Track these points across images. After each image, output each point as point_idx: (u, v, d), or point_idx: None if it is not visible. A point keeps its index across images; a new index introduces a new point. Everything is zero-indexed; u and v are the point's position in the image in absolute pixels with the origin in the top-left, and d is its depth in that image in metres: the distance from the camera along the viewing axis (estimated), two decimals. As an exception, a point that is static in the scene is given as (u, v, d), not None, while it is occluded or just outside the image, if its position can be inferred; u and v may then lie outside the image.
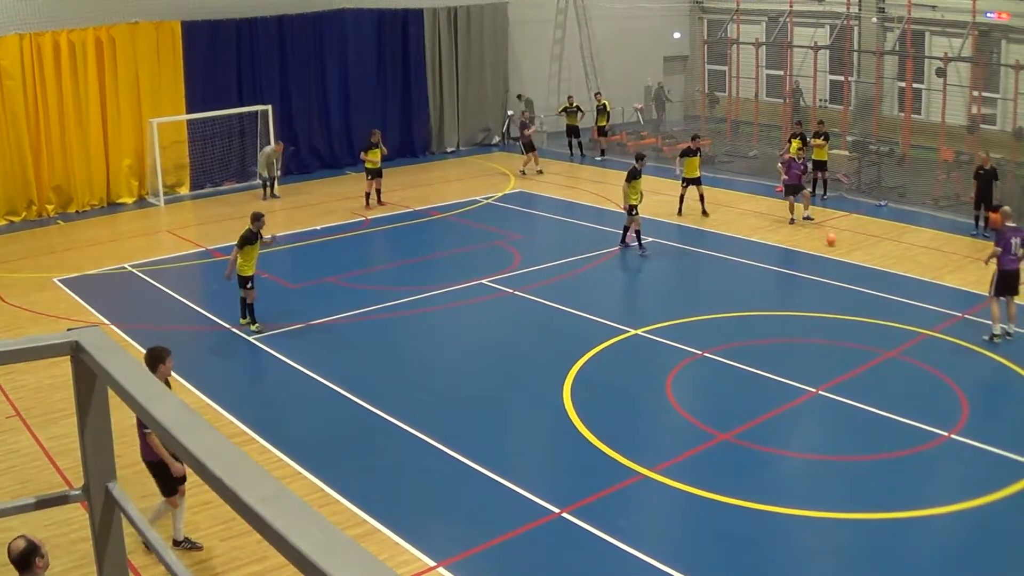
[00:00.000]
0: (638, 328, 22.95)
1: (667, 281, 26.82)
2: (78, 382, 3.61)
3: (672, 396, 19.48)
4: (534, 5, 47.84)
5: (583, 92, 47.79)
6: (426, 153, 46.01)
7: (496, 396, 19.97)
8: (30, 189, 36.38)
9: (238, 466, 2.60)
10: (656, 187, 36.39)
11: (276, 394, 20.80)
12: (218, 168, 40.05)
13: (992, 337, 21.82)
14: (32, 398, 20.29)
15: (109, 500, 3.69)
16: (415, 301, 25.66)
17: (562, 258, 28.92)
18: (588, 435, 17.84)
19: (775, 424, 18.31)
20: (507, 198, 36.96)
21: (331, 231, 32.47)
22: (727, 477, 16.23)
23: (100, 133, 37.63)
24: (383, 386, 20.40)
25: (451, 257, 29.88)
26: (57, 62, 36.34)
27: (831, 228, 30.62)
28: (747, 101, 46.59)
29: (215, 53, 39.68)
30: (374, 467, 17.16)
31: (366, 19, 43.38)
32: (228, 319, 24.59)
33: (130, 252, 31.36)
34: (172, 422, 2.89)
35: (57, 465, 17.37)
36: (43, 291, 27.69)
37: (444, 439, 17.84)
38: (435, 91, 46.18)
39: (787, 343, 22.27)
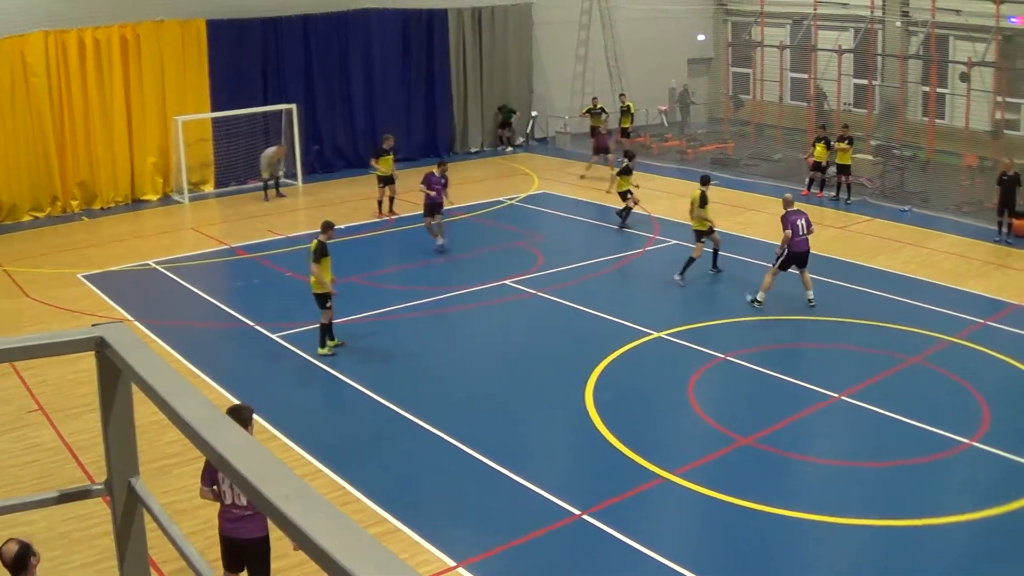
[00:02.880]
0: (661, 331, 22.94)
1: (690, 284, 26.72)
2: (102, 377, 3.62)
3: (694, 399, 19.46)
4: (558, 6, 47.77)
5: (607, 94, 47.75)
6: (449, 153, 45.73)
7: (518, 397, 19.94)
8: (55, 185, 36.52)
9: (261, 463, 2.61)
10: (679, 189, 36.34)
11: (298, 392, 20.82)
12: (242, 166, 40.06)
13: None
14: (55, 393, 20.38)
15: (132, 495, 3.70)
16: (438, 301, 25.70)
17: (585, 259, 28.91)
18: (610, 437, 17.84)
19: (796, 429, 18.27)
20: (531, 199, 36.95)
21: (354, 230, 32.47)
22: (748, 481, 16.21)
23: (125, 130, 37.75)
24: (405, 386, 20.42)
25: (474, 258, 29.87)
26: (82, 59, 36.49)
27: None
28: (771, 104, 46.52)
29: (240, 52, 39.77)
30: (395, 466, 17.17)
31: (390, 19, 43.40)
32: (251, 316, 24.67)
33: (154, 249, 31.45)
34: (195, 418, 2.91)
35: (79, 460, 17.43)
36: (67, 287, 27.79)
37: (466, 439, 17.86)
38: (459, 91, 46.20)
39: (809, 348, 22.25)
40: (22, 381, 20.94)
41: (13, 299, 26.92)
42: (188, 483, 15.50)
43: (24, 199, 35.98)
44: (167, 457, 16.52)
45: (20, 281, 28.34)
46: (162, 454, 16.49)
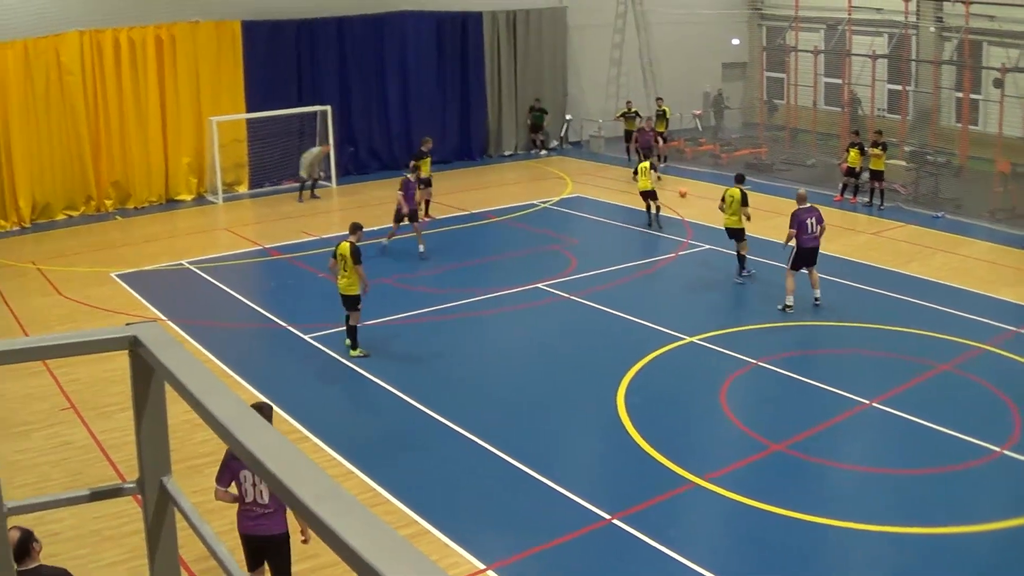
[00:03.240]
0: (693, 336, 22.88)
1: (723, 289, 26.69)
2: (135, 376, 3.63)
3: (726, 405, 19.42)
4: (593, 9, 47.80)
5: (641, 97, 47.73)
6: (483, 156, 46.07)
7: (550, 401, 19.91)
8: (89, 184, 36.71)
9: (294, 464, 2.62)
10: (713, 193, 36.20)
11: (330, 393, 20.86)
12: (277, 167, 40.18)
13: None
14: (87, 391, 20.46)
15: (163, 494, 3.71)
16: (470, 304, 25.69)
17: (619, 263, 28.90)
18: (641, 442, 17.82)
19: (828, 435, 18.19)
20: (564, 202, 36.92)
21: (387, 232, 32.54)
22: (778, 488, 16.16)
23: (159, 130, 37.91)
24: (437, 388, 20.43)
25: (507, 261, 29.90)
26: (117, 59, 36.69)
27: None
28: (805, 109, 46.44)
29: (275, 53, 39.89)
30: (426, 468, 17.18)
31: (425, 21, 43.49)
32: (284, 317, 24.74)
33: (188, 248, 31.57)
34: (228, 418, 2.91)
35: (111, 458, 17.49)
36: (100, 286, 27.92)
37: (496, 442, 17.86)
38: (493, 94, 46.26)
39: (841, 354, 22.17)
40: (54, 379, 21.03)
41: (47, 297, 27.04)
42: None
43: (58, 198, 36.17)
44: (198, 456, 16.57)
45: (54, 279, 28.47)
46: (193, 453, 16.54)
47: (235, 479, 12.41)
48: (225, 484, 12.46)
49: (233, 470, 12.34)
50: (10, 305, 26.43)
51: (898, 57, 43.23)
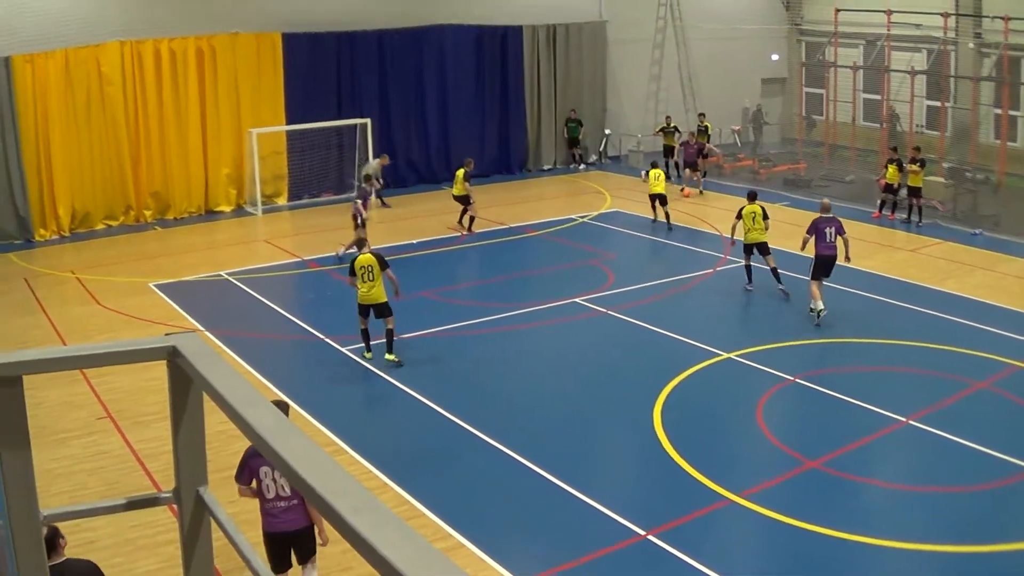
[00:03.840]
0: (731, 352, 22.83)
1: (761, 305, 26.63)
2: (174, 387, 3.66)
3: (762, 421, 19.35)
4: (633, 24, 47.80)
5: (680, 113, 47.72)
6: (522, 170, 46.10)
7: (586, 415, 19.85)
8: (128, 194, 36.92)
9: (331, 475, 2.63)
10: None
11: (367, 405, 20.92)
12: (316, 180, 40.34)
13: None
14: (124, 400, 20.55)
15: (199, 504, 3.73)
16: (508, 318, 25.69)
17: (657, 279, 28.85)
18: (677, 458, 17.77)
19: (864, 453, 18.11)
20: (603, 217, 36.91)
21: (426, 245, 32.57)
22: (814, 505, 16.09)
23: (199, 141, 38.10)
24: (473, 401, 20.43)
25: (545, 275, 29.90)
26: (158, 70, 36.89)
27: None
28: (844, 125, 46.26)
29: (315, 65, 40.03)
30: (461, 482, 17.19)
31: (465, 35, 43.57)
32: (321, 329, 24.78)
33: (226, 260, 31.72)
34: (266, 429, 2.92)
35: (146, 468, 17.57)
36: (139, 295, 28.03)
37: (532, 456, 17.84)
38: (532, 108, 46.25)
39: (878, 371, 22.06)
40: (91, 388, 21.14)
41: (85, 306, 27.19)
42: (255, 494, 15.60)
43: (98, 207, 36.38)
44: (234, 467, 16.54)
45: (92, 289, 28.62)
46: (229, 464, 16.50)
47: (255, 476, 12.72)
48: (245, 482, 12.82)
49: (252, 468, 12.70)
50: (48, 314, 26.58)
51: (937, 73, 43.05)
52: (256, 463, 12.60)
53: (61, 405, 20.32)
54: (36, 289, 28.86)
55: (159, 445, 18.11)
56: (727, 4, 50.03)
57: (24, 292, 28.70)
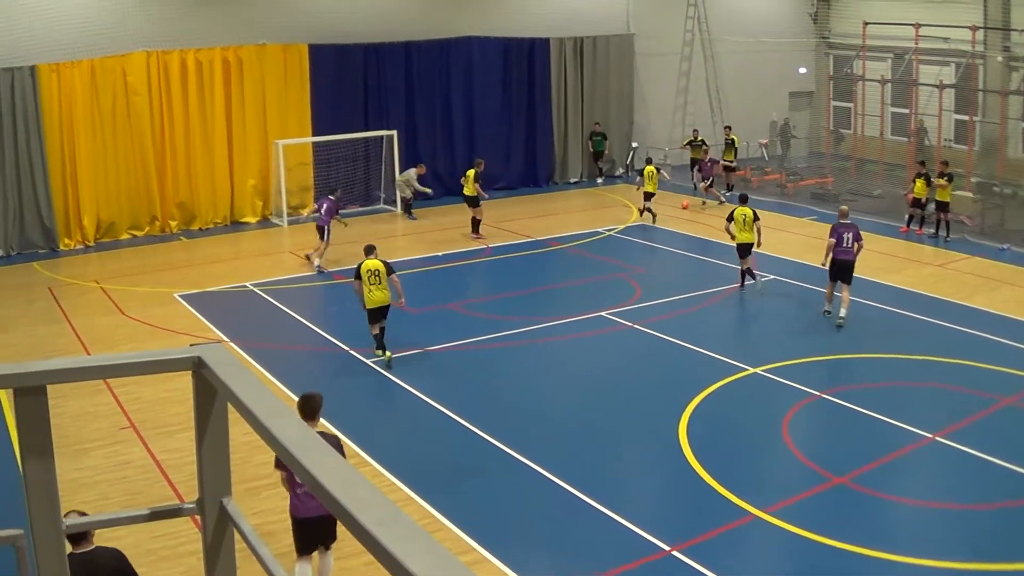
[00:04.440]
0: (757, 366, 22.78)
1: (787, 319, 26.56)
2: (198, 397, 3.67)
3: (788, 436, 19.29)
4: (660, 37, 47.77)
5: (707, 126, 47.71)
6: (549, 183, 46.07)
7: (611, 429, 19.82)
8: (154, 205, 37.07)
9: (355, 488, 2.62)
10: (779, 223, 36.22)
11: (390, 418, 20.92)
12: (342, 191, 40.32)
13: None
14: (148, 411, 20.62)
15: (223, 515, 3.73)
16: (534, 331, 25.67)
17: (683, 293, 28.77)
18: (702, 473, 17.73)
19: (890, 469, 18.02)
20: (629, 230, 36.87)
21: (452, 258, 32.62)
22: (840, 521, 16.02)
23: (225, 152, 38.25)
24: (497, 414, 20.42)
25: (571, 288, 29.87)
26: (184, 80, 37.05)
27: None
28: (872, 139, 46.10)
29: (342, 77, 40.13)
30: (485, 495, 17.18)
31: (492, 47, 43.62)
32: (347, 341, 24.79)
33: (252, 271, 31.82)
34: (291, 441, 2.92)
35: (169, 478, 17.61)
36: (163, 306, 28.13)
37: (556, 470, 17.81)
38: (559, 121, 46.24)
39: (905, 387, 21.97)
40: (115, 398, 21.21)
41: (109, 316, 27.29)
42: (278, 504, 15.59)
43: (123, 217, 36.52)
44: (257, 478, 16.63)
45: (117, 299, 28.71)
46: (253, 475, 16.60)
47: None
48: (284, 469, 13.19)
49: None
50: (72, 323, 26.67)
51: (965, 87, 42.89)
52: None
53: (84, 415, 20.38)
54: (60, 299, 28.98)
55: (182, 456, 18.18)
56: (755, 17, 49.96)
57: (48, 301, 28.81)
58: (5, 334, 26.08)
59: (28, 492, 3.53)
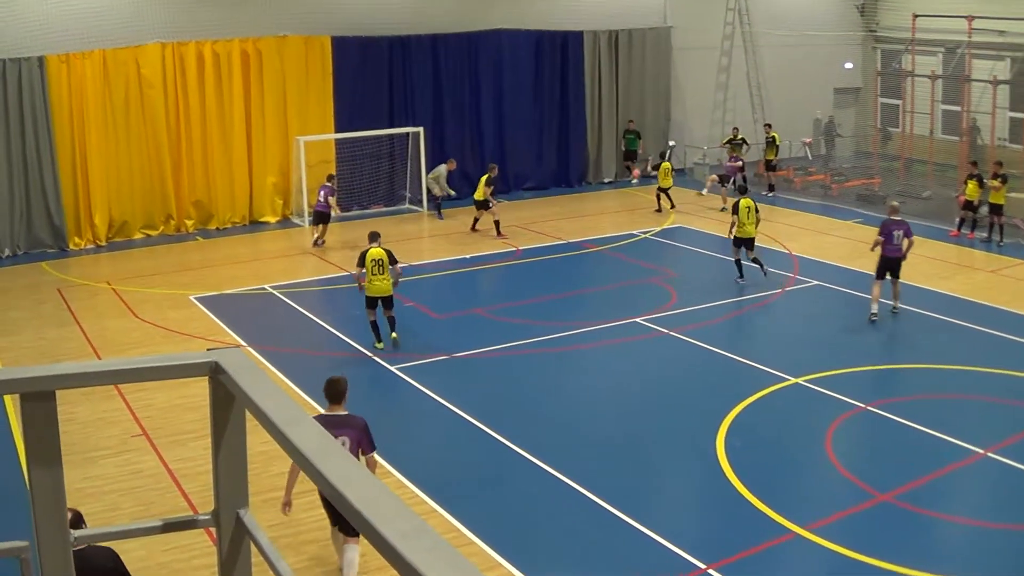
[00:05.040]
0: (799, 376, 22.66)
1: (832, 327, 26.45)
2: (215, 404, 3.67)
3: (831, 450, 19.21)
4: (699, 31, 47.59)
5: (748, 124, 47.64)
6: (582, 183, 46.08)
7: (645, 441, 19.79)
8: (169, 203, 37.16)
9: (378, 499, 2.62)
10: (822, 226, 36.14)
11: (414, 427, 20.87)
12: (366, 190, 40.46)
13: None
14: (161, 418, 20.65)
15: (240, 527, 3.72)
16: (564, 337, 25.64)
17: (721, 299, 28.72)
18: (740, 487, 17.68)
19: (939, 486, 17.94)
20: (666, 233, 36.81)
21: (480, 260, 32.65)
22: (885, 540, 15.95)
23: (244, 148, 38.32)
24: (526, 424, 20.37)
25: (604, 293, 29.83)
26: (200, 73, 37.13)
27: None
28: (921, 138, 45.91)
29: (366, 71, 40.16)
30: (512, 508, 17.16)
31: (523, 40, 43.57)
32: (369, 346, 24.77)
33: (271, 273, 31.88)
34: (311, 450, 2.92)
35: (183, 489, 17.61)
36: (178, 308, 28.21)
37: (587, 483, 17.75)
38: (593, 118, 46.21)
39: (955, 399, 21.85)
40: (127, 405, 21.24)
41: (121, 319, 27.36)
42: (297, 516, 15.61)
43: (136, 216, 36.62)
44: (276, 489, 16.63)
45: (129, 301, 28.79)
46: (270, 486, 16.62)
47: None
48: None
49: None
50: (83, 326, 26.76)
51: (1021, 83, 42.72)
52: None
53: (94, 422, 20.41)
54: (70, 300, 29.09)
55: (196, 465, 18.18)
56: (798, 10, 49.84)
57: (57, 303, 28.92)
58: (12, 337, 26.19)
59: (34, 502, 3.54)
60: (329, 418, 14.44)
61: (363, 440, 14.38)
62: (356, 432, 14.36)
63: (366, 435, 14.46)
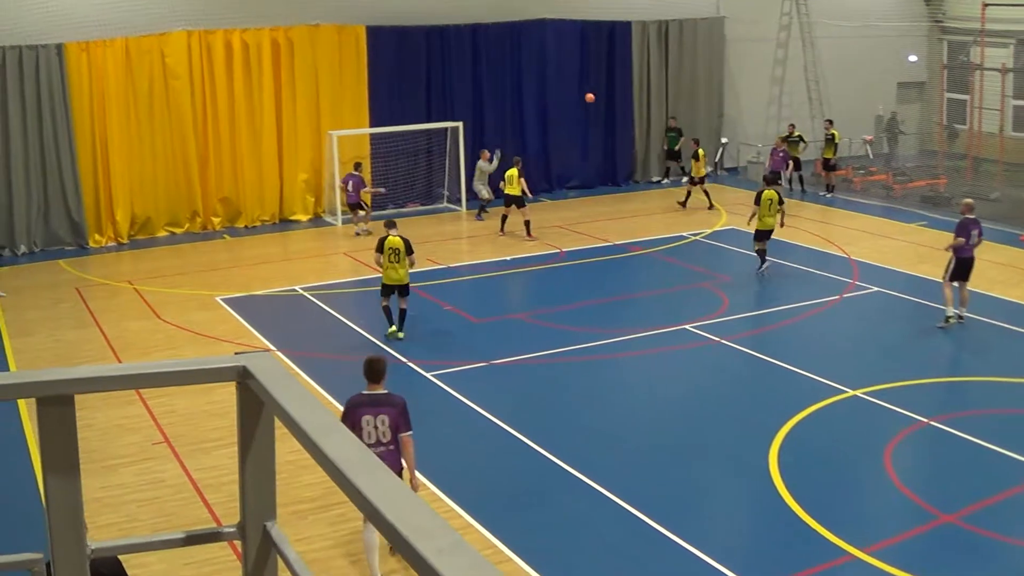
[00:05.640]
0: (857, 388, 22.52)
1: (893, 336, 26.31)
2: (243, 410, 3.67)
3: (891, 467, 19.10)
4: (754, 21, 47.51)
5: (805, 120, 47.40)
6: (629, 182, 46.02)
7: (693, 455, 19.71)
8: (195, 199, 37.28)
9: (414, 513, 2.61)
10: (885, 229, 36.04)
11: (451, 437, 20.84)
12: (402, 188, 40.48)
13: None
14: (183, 424, 20.69)
15: (266, 541, 3.71)
16: (609, 345, 25.58)
17: (775, 305, 28.73)
18: (793, 505, 17.61)
19: (1006, 508, 17.75)
20: (717, 235, 36.73)
21: (521, 262, 32.63)
22: (949, 565, 15.85)
23: (274, 143, 38.37)
24: (568, 435, 20.32)
25: (652, 298, 29.81)
26: (229, 63, 37.22)
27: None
28: (990, 135, 45.68)
29: (402, 62, 40.14)
30: (553, 524, 17.10)
31: (568, 31, 43.51)
32: (403, 352, 24.80)
33: (302, 273, 31.97)
34: (344, 460, 2.90)
35: (206, 499, 17.64)
36: (204, 310, 28.31)
37: (631, 498, 17.70)
38: (641, 113, 46.13)
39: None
40: (148, 410, 21.30)
41: (143, 321, 27.47)
42: (325, 530, 15.65)
43: (160, 213, 36.75)
44: (304, 501, 16.67)
45: (152, 302, 28.91)
46: (299, 497, 16.64)
47: (357, 426, 14.43)
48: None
49: (355, 419, 14.60)
50: (102, 328, 26.87)
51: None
52: (359, 413, 14.68)
53: (114, 428, 20.50)
54: (89, 300, 29.23)
55: (220, 475, 18.21)
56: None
57: (76, 303, 29.07)
58: (28, 338, 26.33)
59: (50, 512, 3.54)
60: (369, 397, 15.07)
61: (400, 420, 14.98)
62: (395, 411, 14.96)
63: (404, 415, 15.04)
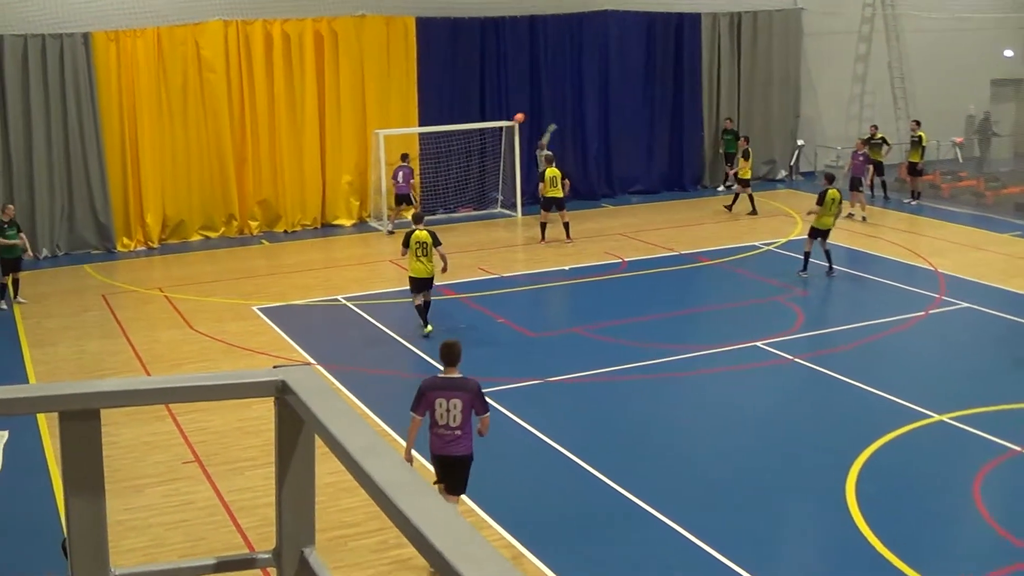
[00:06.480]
0: (944, 413, 22.35)
1: (984, 357, 26.15)
2: (281, 428, 3.67)
3: (980, 500, 19.00)
4: (834, 14, 47.32)
5: (889, 121, 47.21)
6: (697, 187, 45.92)
7: (765, 484, 19.58)
8: (231, 202, 37.43)
9: (463, 540, 2.60)
10: (975, 240, 35.82)
11: (503, 461, 20.81)
12: (453, 192, 40.50)
13: None
14: (216, 443, 20.73)
15: (304, 568, 3.71)
16: (674, 362, 25.55)
17: (854, 321, 28.46)
18: (872, 540, 17.50)
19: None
20: (791, 245, 36.46)
21: (581, 273, 32.62)
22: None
23: (317, 143, 38.48)
24: (628, 460, 20.26)
25: (720, 312, 29.79)
26: (268, 56, 37.34)
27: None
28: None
29: (455, 56, 40.24)
30: (611, 556, 17.05)
31: (633, 23, 43.48)
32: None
33: (345, 282, 32.06)
34: (389, 482, 2.90)
35: (238, 523, 17.68)
36: (239, 320, 28.42)
37: (696, 529, 17.61)
38: (711, 113, 46.07)
39: None
40: (178, 427, 21.37)
41: (175, 331, 27.60)
42: (367, 558, 15.66)
43: (194, 216, 36.92)
44: (344, 526, 16.69)
45: (184, 310, 29.03)
46: (338, 522, 16.65)
47: (431, 408, 15.93)
48: (421, 413, 16.17)
49: (429, 400, 15.97)
50: (130, 338, 27.00)
51: None
52: (433, 395, 15.96)
53: (141, 445, 20.57)
54: (117, 308, 29.38)
55: (255, 496, 18.24)
56: (950, -10, 49.39)
57: (102, 311, 29.22)
58: (50, 348, 26.50)
59: (71, 534, 3.55)
60: (444, 380, 16.34)
61: (476, 403, 16.15)
62: (470, 395, 16.10)
63: (479, 398, 16.20)
